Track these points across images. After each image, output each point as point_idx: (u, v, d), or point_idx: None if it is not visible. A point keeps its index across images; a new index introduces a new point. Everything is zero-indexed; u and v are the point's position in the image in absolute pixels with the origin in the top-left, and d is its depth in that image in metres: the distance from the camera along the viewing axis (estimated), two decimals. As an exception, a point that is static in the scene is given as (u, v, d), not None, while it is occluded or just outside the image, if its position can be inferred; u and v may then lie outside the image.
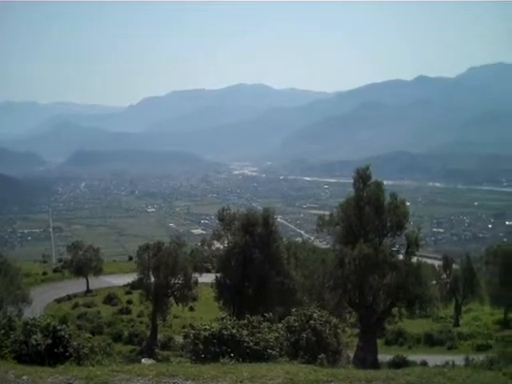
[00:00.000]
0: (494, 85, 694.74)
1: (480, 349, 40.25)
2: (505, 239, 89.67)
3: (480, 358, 29.75)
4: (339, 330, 17.59)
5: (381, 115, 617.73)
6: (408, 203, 36.25)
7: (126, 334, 46.85)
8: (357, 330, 36.75)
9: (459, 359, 32.53)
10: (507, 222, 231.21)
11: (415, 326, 50.15)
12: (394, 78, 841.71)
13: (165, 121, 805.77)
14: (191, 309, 53.21)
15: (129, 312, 56.82)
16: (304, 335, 16.42)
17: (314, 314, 17.13)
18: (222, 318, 17.24)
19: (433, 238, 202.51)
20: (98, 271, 70.83)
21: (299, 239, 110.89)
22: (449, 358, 34.94)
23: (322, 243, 62.60)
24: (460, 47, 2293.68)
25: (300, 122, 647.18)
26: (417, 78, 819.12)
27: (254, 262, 37.05)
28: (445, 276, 60.58)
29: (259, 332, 16.27)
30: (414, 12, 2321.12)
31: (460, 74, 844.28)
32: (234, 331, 15.92)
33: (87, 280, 69.23)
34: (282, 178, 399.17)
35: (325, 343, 16.57)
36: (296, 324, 16.84)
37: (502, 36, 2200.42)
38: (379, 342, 39.61)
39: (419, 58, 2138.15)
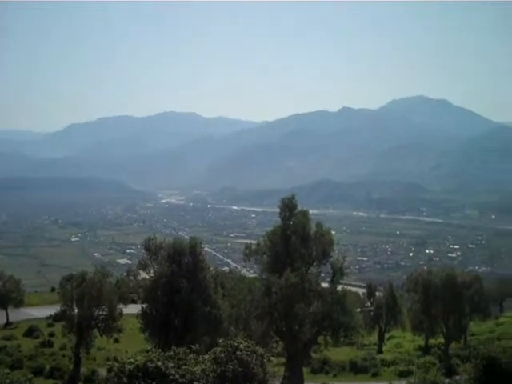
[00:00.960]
0: (415, 116, 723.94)
1: (402, 375, 41.08)
2: (425, 267, 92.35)
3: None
4: (265, 360, 17.56)
5: (306, 145, 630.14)
6: (333, 232, 36.85)
7: (47, 367, 45.04)
8: (283, 359, 36.82)
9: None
10: (427, 251, 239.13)
11: (340, 354, 50.70)
12: (319, 109, 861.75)
13: (91, 147, 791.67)
14: (116, 341, 51.88)
15: (51, 345, 54.67)
16: (230, 366, 16.31)
17: (241, 345, 17.06)
18: (147, 350, 16.92)
19: (357, 267, 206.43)
20: (19, 303, 67.99)
21: (227, 268, 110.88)
22: (373, 384, 35.53)
23: (250, 272, 62.75)
24: (382, 80, 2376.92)
25: (228, 151, 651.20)
26: (341, 109, 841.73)
27: (180, 291, 36.58)
28: (369, 304, 61.76)
29: (185, 364, 16.06)
30: (337, 46, 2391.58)
31: (382, 105, 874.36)
32: (160, 364, 15.65)
33: (7, 312, 66.34)
34: (209, 206, 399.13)
35: (251, 374, 16.48)
36: (222, 355, 16.70)
37: (422, 70, 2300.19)
38: (305, 370, 39.77)
39: (344, 89, 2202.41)
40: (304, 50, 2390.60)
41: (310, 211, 35.85)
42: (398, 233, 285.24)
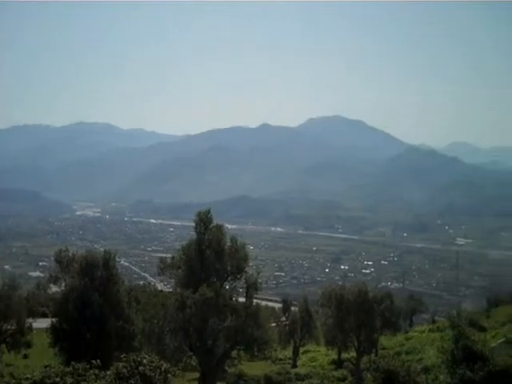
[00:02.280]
0: (332, 135, 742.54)
1: (315, 389, 41.72)
2: (340, 282, 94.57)
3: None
4: (170, 375, 17.44)
5: (226, 160, 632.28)
6: (251, 247, 37.18)
7: None
8: (197, 374, 36.62)
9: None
10: (342, 266, 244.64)
11: (255, 368, 50.91)
12: (239, 125, 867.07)
13: (2, 157, 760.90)
14: (25, 356, 49.99)
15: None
16: (132, 382, 16.09)
17: (144, 360, 16.88)
18: (46, 366, 16.43)
19: (274, 282, 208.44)
20: None
21: (143, 282, 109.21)
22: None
23: (167, 287, 62.07)
24: (300, 98, 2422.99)
25: (147, 164, 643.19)
26: (261, 125, 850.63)
27: (92, 305, 35.81)
28: (284, 318, 62.48)
29: (85, 380, 15.72)
30: (256, 63, 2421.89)
31: (300, 124, 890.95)
32: (58, 379, 15.24)
33: None
34: (126, 219, 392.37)
35: (153, 389, 16.34)
36: (125, 370, 16.45)
37: (340, 89, 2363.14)
38: (220, 385, 39.75)
39: (263, 106, 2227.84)
40: (224, 64, 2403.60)
41: (229, 226, 36.05)
42: (314, 249, 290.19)
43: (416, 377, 14.52)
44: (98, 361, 17.64)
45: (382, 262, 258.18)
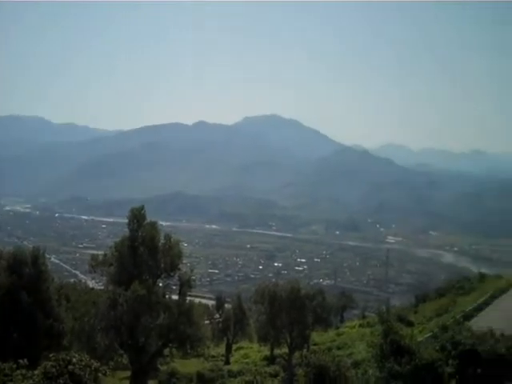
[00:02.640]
0: (268, 134, 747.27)
1: (248, 385, 41.82)
2: (273, 279, 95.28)
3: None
4: (100, 374, 17.13)
5: (161, 156, 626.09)
6: (185, 244, 36.92)
7: None
8: (129, 373, 36.15)
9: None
10: (276, 264, 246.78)
11: (188, 366, 50.72)
12: (174, 121, 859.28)
13: None
14: None
15: None
16: (61, 381, 15.73)
17: (74, 359, 16.52)
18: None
19: (208, 279, 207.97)
20: None
21: (74, 280, 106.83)
22: (218, 395, 35.92)
23: (99, 284, 60.93)
24: (236, 96, 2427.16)
25: (79, 159, 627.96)
26: (197, 122, 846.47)
27: (21, 304, 34.77)
28: (217, 316, 62.53)
29: (11, 380, 15.26)
30: (192, 60, 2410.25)
31: (237, 122, 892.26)
32: (-18, 380, 14.74)
33: None
34: (57, 215, 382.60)
35: (84, 388, 16.02)
36: (53, 370, 16.06)
37: (277, 89, 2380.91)
38: (152, 382, 39.35)
39: (200, 103, 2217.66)
40: (160, 60, 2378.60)
41: (163, 223, 35.73)
42: (248, 246, 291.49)
43: (346, 371, 14.81)
44: (25, 360, 17.12)
45: (315, 260, 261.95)
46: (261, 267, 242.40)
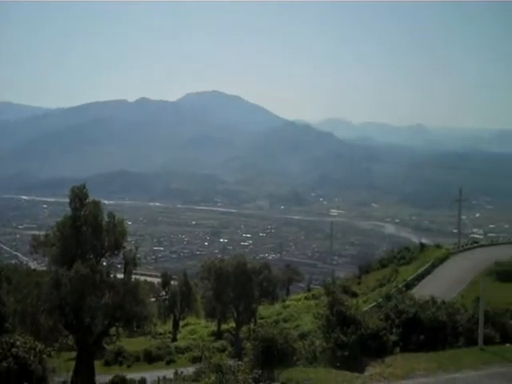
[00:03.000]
0: (210, 110, 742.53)
1: (195, 361, 42.02)
2: (219, 255, 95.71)
3: (191, 370, 31.09)
4: (45, 356, 16.83)
5: (104, 134, 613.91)
6: (129, 222, 36.45)
7: None
8: (74, 354, 35.70)
9: (171, 373, 33.73)
10: (221, 240, 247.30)
11: (135, 344, 50.53)
12: (117, 98, 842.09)
13: None
14: None
15: None
16: (5, 364, 15.38)
17: (17, 342, 16.17)
18: None
19: (153, 257, 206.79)
20: None
21: (15, 262, 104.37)
22: (166, 372, 35.91)
23: (41, 265, 59.65)
24: (178, 73, 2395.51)
25: (18, 138, 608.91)
26: (139, 99, 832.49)
27: (-41, 288, 33.77)
28: (164, 293, 62.34)
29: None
30: (131, 36, 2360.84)
31: (179, 98, 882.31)
32: None
33: None
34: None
35: (28, 371, 15.72)
36: (-4, 353, 15.68)
37: (219, 65, 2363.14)
38: (99, 363, 39.02)
39: (142, 80, 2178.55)
40: (101, 36, 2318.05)
41: (106, 202, 35.12)
42: (194, 223, 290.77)
43: (293, 343, 14.96)
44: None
45: (260, 235, 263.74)
46: (206, 243, 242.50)
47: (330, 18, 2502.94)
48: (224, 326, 57.77)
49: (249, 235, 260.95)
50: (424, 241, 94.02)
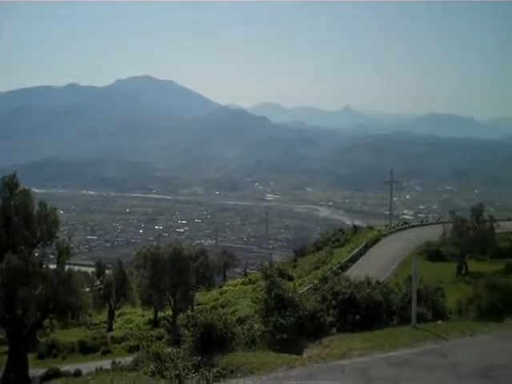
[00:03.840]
0: (142, 96, 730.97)
1: (132, 350, 41.61)
2: (154, 242, 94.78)
3: (129, 359, 30.76)
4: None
5: (32, 121, 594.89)
6: (62, 212, 35.60)
7: None
8: (6, 348, 34.72)
9: (109, 363, 33.32)
10: (157, 227, 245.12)
11: (70, 336, 49.55)
12: (43, 84, 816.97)
13: None
14: None
15: None
16: None
17: None
18: None
19: (87, 246, 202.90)
20: None
21: None
22: (102, 363, 35.43)
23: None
24: (108, 58, 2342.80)
25: None
26: (68, 85, 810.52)
27: None
28: (98, 282, 61.30)
29: None
30: (61, 20, 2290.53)
31: (110, 84, 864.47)
32: None
33: None
34: None
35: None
36: None
37: (149, 50, 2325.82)
38: (32, 355, 38.04)
39: (71, 65, 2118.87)
40: (31, 20, 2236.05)
41: (37, 191, 34.20)
42: (128, 210, 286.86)
43: (233, 328, 14.97)
44: None
45: (196, 221, 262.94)
46: (141, 231, 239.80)
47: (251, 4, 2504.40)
48: (161, 314, 57.45)
49: (184, 222, 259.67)
50: (357, 223, 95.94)
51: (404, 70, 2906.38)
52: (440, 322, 17.71)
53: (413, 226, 79.17)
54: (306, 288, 37.89)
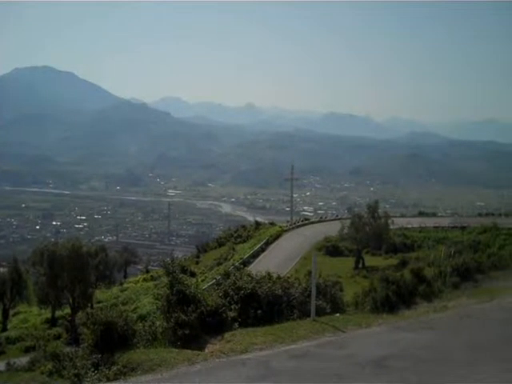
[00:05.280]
0: (40, 87, 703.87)
1: (28, 350, 40.20)
2: (52, 239, 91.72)
3: (25, 360, 29.66)
4: None
5: None
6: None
7: None
8: None
9: (3, 364, 32.02)
10: (54, 223, 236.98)
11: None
12: None
13: None
14: None
15: None
16: None
17: None
18: None
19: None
20: None
21: None
22: (-5, 364, 33.98)
23: None
24: (5, 47, 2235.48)
25: None
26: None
27: None
28: (-9, 281, 58.55)
29: None
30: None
31: (5, 73, 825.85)
32: None
33: None
34: None
35: None
36: None
37: (49, 39, 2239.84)
38: None
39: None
40: None
41: None
42: (23, 206, 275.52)
43: (134, 325, 14.79)
44: None
45: (96, 216, 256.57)
46: (38, 227, 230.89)
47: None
48: (59, 313, 55.69)
49: (84, 217, 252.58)
50: (259, 219, 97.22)
51: (304, 69, 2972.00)
52: (338, 314, 18.30)
53: (312, 223, 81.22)
54: (209, 284, 38.00)
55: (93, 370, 12.21)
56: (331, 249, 59.13)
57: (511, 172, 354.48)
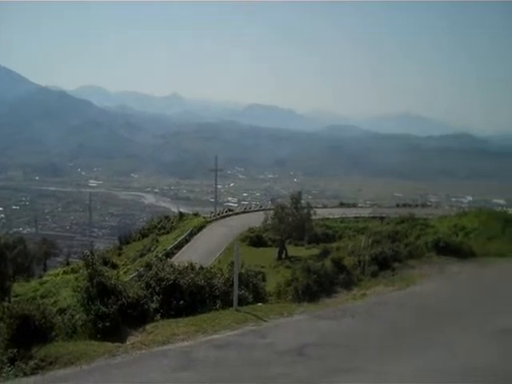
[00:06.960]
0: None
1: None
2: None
3: None
4: None
5: None
6: None
7: None
8: None
9: None
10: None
11: None
12: None
13: None
14: None
15: None
16: None
17: None
18: None
19: None
20: None
21: None
22: None
23: None
24: None
25: None
26: None
27: None
28: None
29: None
30: None
31: None
32: None
33: None
34: None
35: None
36: None
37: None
38: None
39: None
40: None
41: None
42: None
43: (52, 318, 14.45)
44: None
45: (13, 207, 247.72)
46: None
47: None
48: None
49: (0, 208, 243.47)
50: (183, 210, 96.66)
51: (232, 60, 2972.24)
52: (260, 304, 18.52)
53: (237, 213, 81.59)
54: (131, 276, 37.53)
55: (9, 364, 11.91)
56: (255, 239, 59.62)
57: (425, 164, 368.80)
